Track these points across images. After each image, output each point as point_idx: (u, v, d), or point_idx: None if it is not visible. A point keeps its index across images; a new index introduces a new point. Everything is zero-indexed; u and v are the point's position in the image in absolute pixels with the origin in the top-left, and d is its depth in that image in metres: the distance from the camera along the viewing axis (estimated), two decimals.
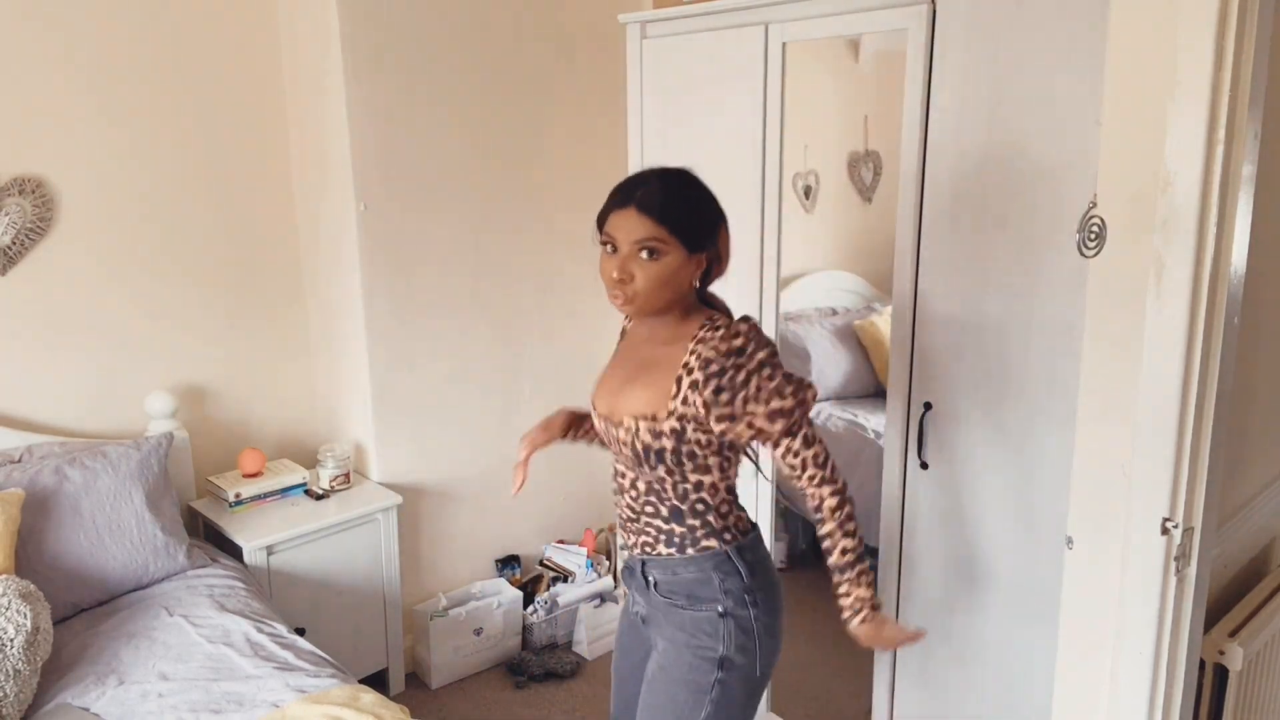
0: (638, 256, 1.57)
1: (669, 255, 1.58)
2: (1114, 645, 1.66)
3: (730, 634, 1.67)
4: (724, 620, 1.67)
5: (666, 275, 1.59)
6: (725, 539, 1.69)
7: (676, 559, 1.69)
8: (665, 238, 1.57)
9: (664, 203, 1.57)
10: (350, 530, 2.80)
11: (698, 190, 1.63)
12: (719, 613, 1.68)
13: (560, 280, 3.28)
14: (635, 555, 1.77)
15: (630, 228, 1.57)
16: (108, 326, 2.71)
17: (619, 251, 1.59)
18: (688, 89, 2.66)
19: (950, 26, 2.05)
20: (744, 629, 1.68)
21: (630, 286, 1.58)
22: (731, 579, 1.68)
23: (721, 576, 1.68)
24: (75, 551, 2.34)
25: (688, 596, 1.70)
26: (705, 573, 1.68)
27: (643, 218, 1.56)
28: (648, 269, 1.57)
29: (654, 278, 1.58)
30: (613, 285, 1.60)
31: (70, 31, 2.53)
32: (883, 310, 3.78)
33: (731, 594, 1.68)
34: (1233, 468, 1.96)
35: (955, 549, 2.26)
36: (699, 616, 1.69)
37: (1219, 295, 1.49)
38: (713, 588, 1.68)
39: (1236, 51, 1.39)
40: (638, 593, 1.81)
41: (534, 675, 3.07)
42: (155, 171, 2.72)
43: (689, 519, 1.67)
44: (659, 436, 1.62)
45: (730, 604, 1.68)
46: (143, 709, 1.95)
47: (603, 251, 1.63)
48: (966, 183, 2.08)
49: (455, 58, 2.90)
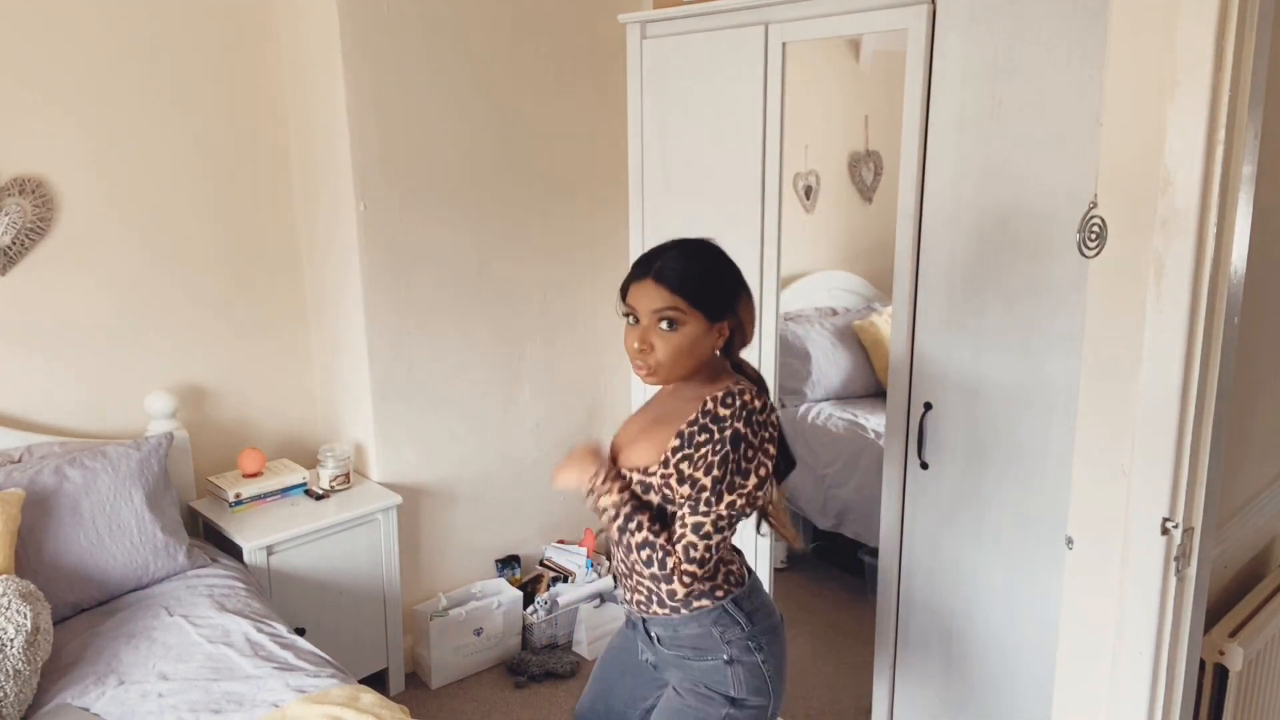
0: (657, 327, 1.60)
1: (688, 325, 1.60)
2: (1114, 645, 1.66)
3: (740, 679, 1.69)
4: (731, 667, 1.69)
5: (686, 345, 1.61)
6: (718, 595, 1.68)
7: (674, 618, 1.69)
8: (683, 308, 1.59)
9: (682, 273, 1.60)
10: (350, 530, 2.80)
11: (717, 259, 1.66)
12: (725, 660, 1.69)
13: (560, 280, 3.28)
14: (635, 612, 1.76)
15: (649, 298, 1.60)
16: (108, 326, 2.71)
17: (640, 322, 1.62)
18: (688, 89, 2.66)
19: (950, 27, 2.05)
20: (753, 673, 1.70)
21: (651, 357, 1.61)
22: (732, 630, 1.68)
23: (722, 629, 1.68)
24: (75, 551, 2.34)
25: (692, 649, 1.71)
26: (705, 628, 1.68)
27: (660, 288, 1.59)
28: (668, 339, 1.60)
29: (674, 348, 1.60)
30: (635, 356, 1.63)
31: (70, 31, 2.53)
32: (883, 310, 3.78)
33: (734, 644, 1.69)
34: (1233, 468, 1.96)
35: (955, 549, 2.26)
36: (707, 666, 1.70)
37: (1219, 295, 1.49)
38: (714, 640, 1.69)
39: (1236, 51, 1.39)
40: (643, 644, 1.81)
41: (534, 675, 3.07)
42: (155, 171, 2.72)
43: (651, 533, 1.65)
44: (647, 490, 1.64)
45: (735, 652, 1.69)
46: (143, 709, 1.95)
47: (626, 324, 1.66)
48: (967, 183, 2.08)
49: (455, 58, 2.90)
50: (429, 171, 2.92)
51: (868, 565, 3.33)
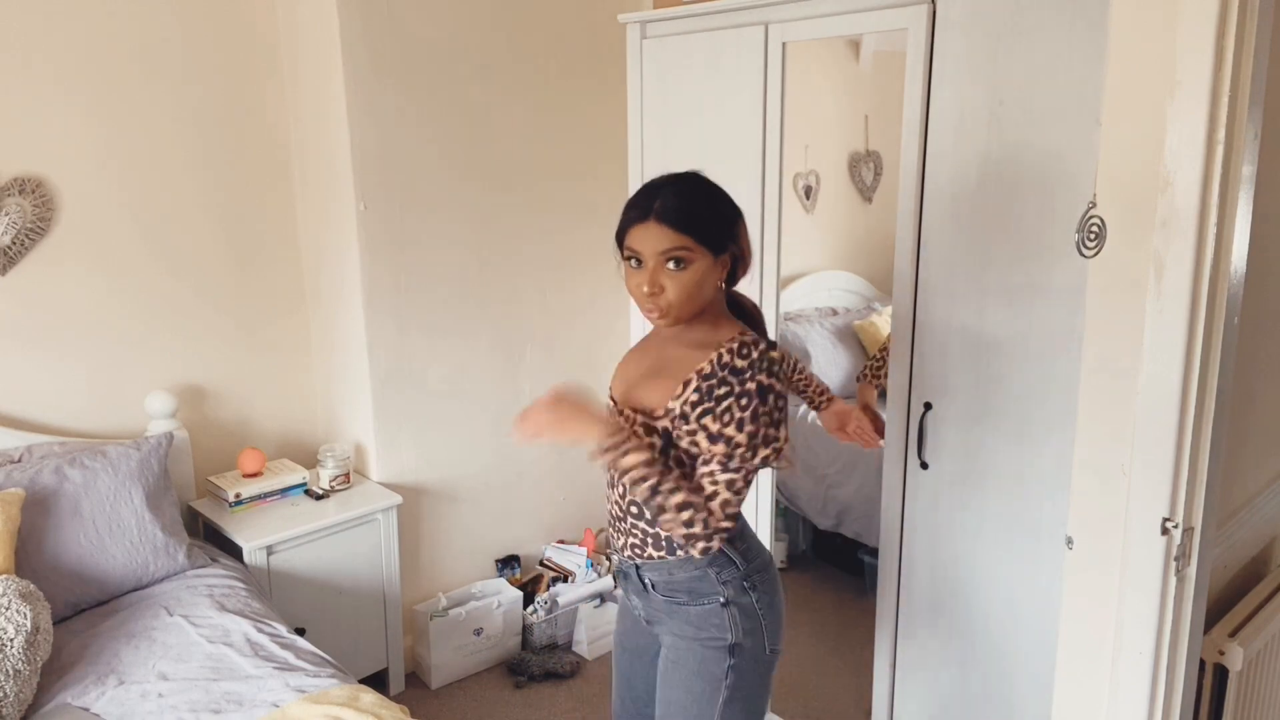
0: (665, 268, 1.58)
1: (696, 262, 1.58)
2: (1114, 645, 1.66)
3: (735, 621, 1.69)
4: (727, 609, 1.69)
5: (696, 282, 1.59)
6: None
7: (669, 561, 1.69)
8: (690, 245, 1.57)
9: (684, 210, 1.58)
10: (350, 530, 2.80)
11: (713, 192, 1.64)
12: (721, 603, 1.69)
13: (560, 280, 3.28)
14: (626, 559, 1.76)
15: (654, 240, 1.57)
16: (108, 326, 2.71)
17: (645, 265, 1.59)
18: (688, 89, 2.66)
19: (950, 26, 2.05)
20: (748, 614, 1.70)
21: (663, 298, 1.59)
22: (727, 570, 1.69)
23: (717, 570, 1.68)
24: (75, 551, 2.34)
25: (688, 593, 1.70)
26: (701, 569, 1.68)
27: (664, 228, 1.57)
28: (677, 279, 1.58)
29: (684, 286, 1.58)
30: (644, 300, 1.60)
31: (70, 31, 2.53)
32: (883, 310, 3.78)
33: (730, 584, 1.69)
34: (1233, 468, 1.96)
35: (955, 549, 2.26)
36: (703, 610, 1.70)
37: (1219, 295, 1.49)
38: (710, 582, 1.69)
39: (1236, 51, 1.39)
40: (635, 595, 1.80)
41: (534, 675, 3.07)
42: (155, 171, 2.72)
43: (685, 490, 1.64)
44: (650, 433, 1.63)
45: (731, 593, 1.69)
46: (143, 709, 1.95)
47: (626, 267, 1.63)
48: (966, 183, 2.08)
49: (455, 58, 2.90)
50: (429, 171, 2.92)
51: (868, 565, 3.33)
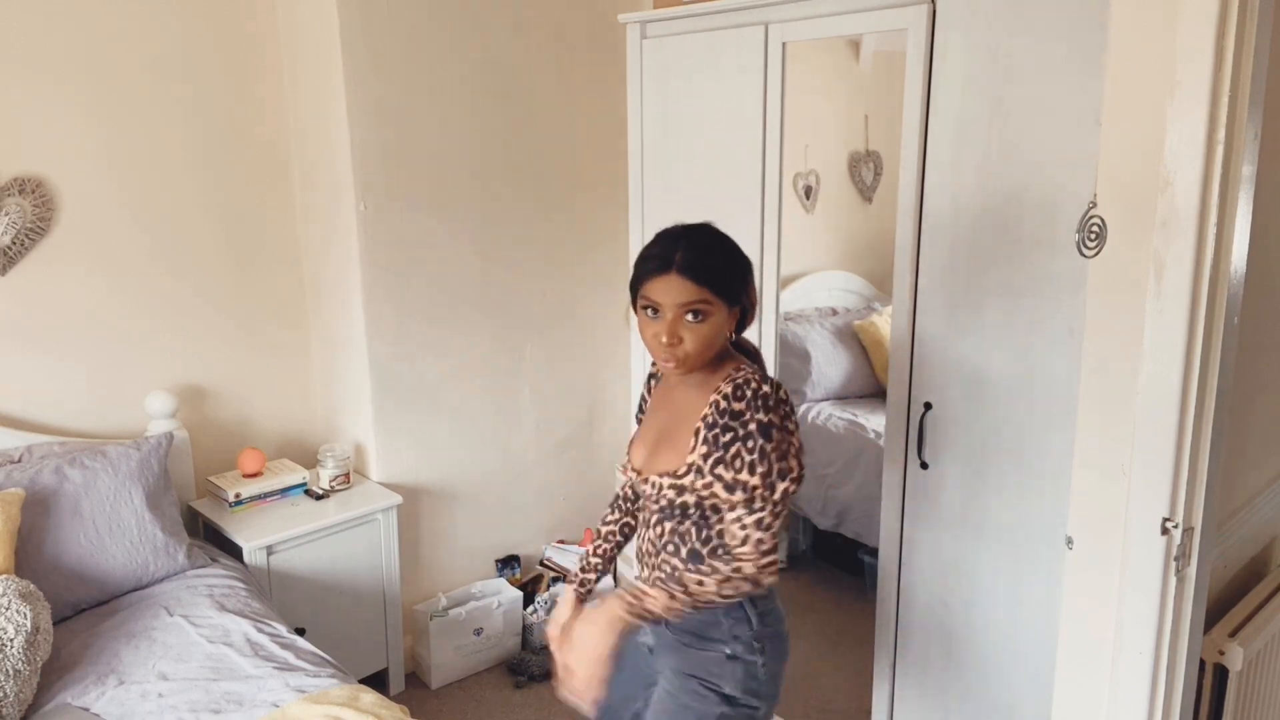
0: (683, 319, 1.60)
1: (714, 315, 1.61)
2: (1114, 645, 1.66)
3: (737, 677, 1.69)
4: (730, 663, 1.69)
5: (713, 334, 1.62)
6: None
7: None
8: (710, 299, 1.59)
9: (704, 263, 1.60)
10: (350, 530, 2.80)
11: (729, 245, 1.67)
12: (727, 655, 1.69)
13: (560, 280, 3.28)
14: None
15: (675, 292, 1.59)
16: (108, 326, 2.71)
17: (662, 315, 1.61)
18: (688, 89, 2.66)
19: (950, 26, 2.05)
20: (751, 674, 1.69)
21: (680, 349, 1.60)
22: (740, 625, 1.68)
23: (731, 622, 1.68)
24: (75, 551, 2.34)
25: (696, 636, 1.71)
26: (715, 617, 1.68)
27: (686, 282, 1.58)
28: (696, 331, 1.60)
29: (702, 338, 1.60)
30: (662, 350, 1.62)
31: (70, 31, 2.53)
32: (883, 310, 3.78)
33: (740, 639, 1.68)
34: (1233, 468, 1.96)
35: (955, 549, 2.26)
36: (707, 656, 1.70)
37: (1219, 295, 1.49)
38: (721, 630, 1.68)
39: (1236, 51, 1.39)
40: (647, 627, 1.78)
41: (534, 675, 3.07)
42: (155, 171, 2.72)
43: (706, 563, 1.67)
44: (682, 491, 1.65)
45: (739, 648, 1.68)
46: (143, 709, 1.95)
47: (642, 316, 1.65)
48: (966, 183, 2.08)
49: (455, 57, 2.90)
50: (429, 171, 2.91)
51: (868, 565, 3.33)
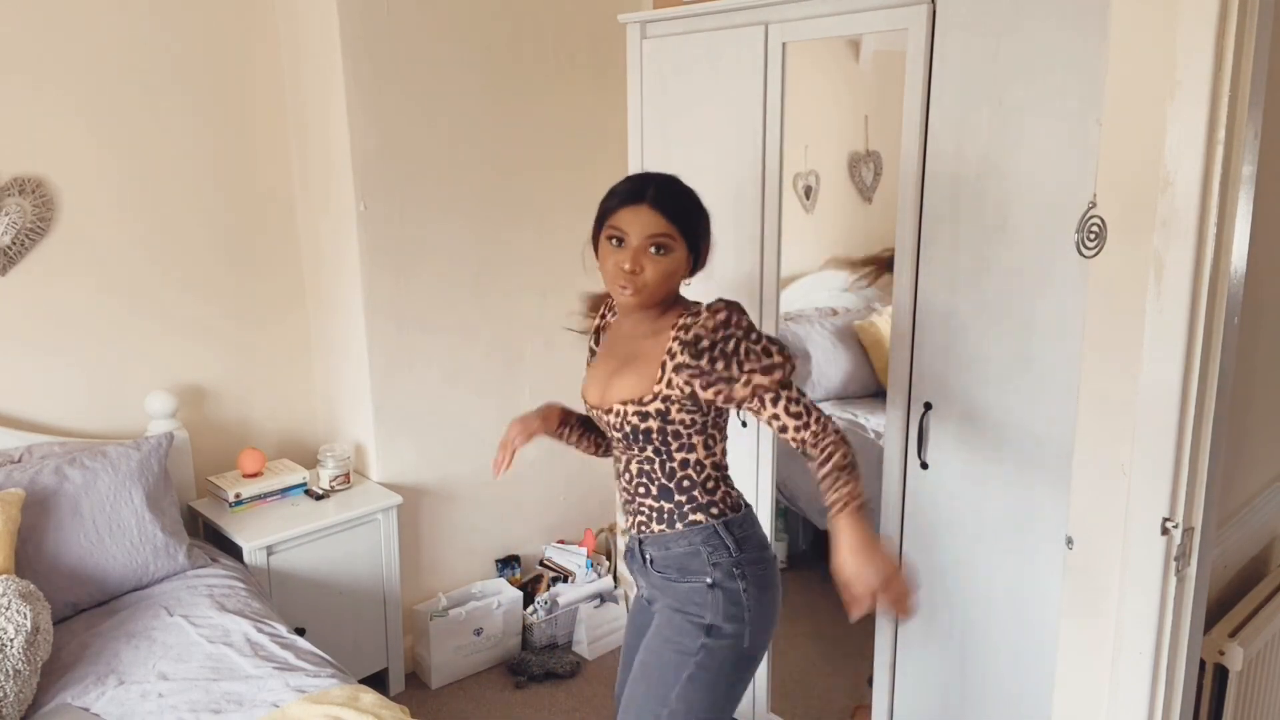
0: (648, 251, 1.67)
1: (676, 252, 1.70)
2: (1114, 645, 1.66)
3: (719, 604, 1.74)
4: (712, 591, 1.75)
5: (672, 270, 1.70)
6: (712, 513, 1.77)
7: (668, 534, 1.78)
8: (674, 234, 1.68)
9: (674, 202, 1.70)
10: (350, 530, 2.80)
11: (694, 194, 1.76)
12: (707, 584, 1.75)
13: (560, 279, 3.28)
14: (634, 535, 1.86)
15: (644, 223, 1.67)
16: (108, 326, 2.71)
17: (627, 244, 1.68)
18: (688, 89, 2.65)
19: (950, 26, 2.05)
20: (733, 601, 1.75)
21: (640, 278, 1.68)
22: (719, 553, 1.76)
23: (710, 550, 1.76)
24: (75, 551, 2.34)
25: (679, 569, 1.78)
26: (694, 546, 1.76)
27: (656, 215, 1.67)
28: (658, 264, 1.68)
29: (662, 272, 1.68)
30: (622, 277, 1.68)
31: (70, 32, 2.53)
32: (883, 310, 3.78)
33: (720, 567, 1.75)
34: (1233, 468, 1.96)
35: (955, 549, 2.26)
36: (689, 588, 1.76)
37: (1219, 295, 1.49)
38: (701, 560, 1.76)
39: (1236, 51, 1.40)
40: (639, 574, 1.89)
41: (534, 675, 3.07)
42: (155, 171, 2.72)
43: (676, 495, 1.77)
44: (645, 418, 1.72)
45: (719, 576, 1.75)
46: (143, 709, 1.95)
47: (606, 247, 1.73)
48: (967, 183, 2.08)
49: (455, 58, 2.90)
50: (429, 171, 2.92)
51: None
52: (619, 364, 1.81)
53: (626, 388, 1.75)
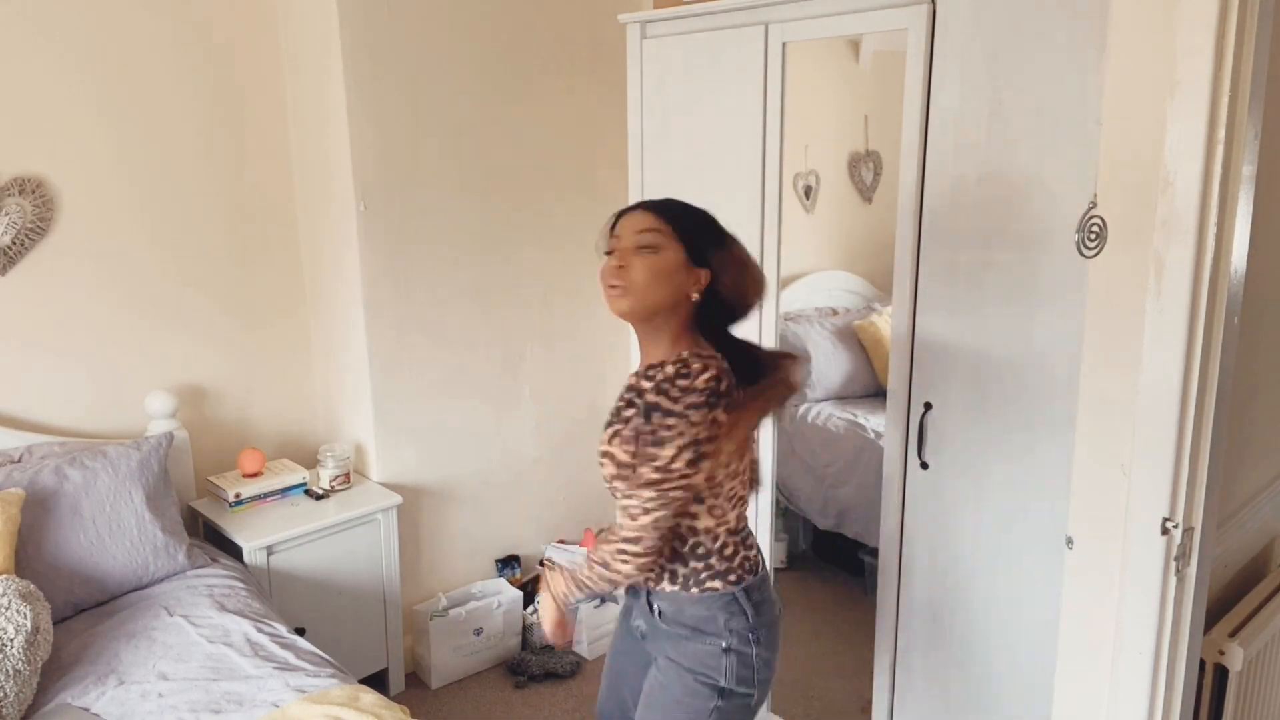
0: (637, 251, 1.60)
1: (666, 251, 1.59)
2: (1114, 645, 1.66)
3: (733, 669, 1.67)
4: (726, 655, 1.67)
5: (663, 271, 1.58)
6: (730, 580, 1.66)
7: (682, 596, 1.67)
8: (663, 229, 1.60)
9: (666, 203, 1.66)
10: (350, 530, 2.80)
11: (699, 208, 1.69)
12: (723, 648, 1.67)
13: (561, 279, 3.28)
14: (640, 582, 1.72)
15: (633, 222, 1.63)
16: (108, 326, 2.71)
17: (617, 247, 1.62)
18: (688, 89, 2.65)
19: (950, 26, 2.05)
20: (746, 664, 1.68)
21: (626, 275, 1.59)
22: (737, 619, 1.67)
23: (727, 616, 1.66)
24: (75, 551, 2.34)
25: (691, 629, 1.68)
26: (711, 611, 1.66)
27: (645, 213, 1.63)
28: (645, 261, 1.59)
29: (650, 270, 1.58)
30: (610, 275, 1.60)
31: (70, 32, 2.53)
32: (883, 310, 3.78)
33: (736, 633, 1.67)
34: (1233, 468, 1.96)
35: (955, 549, 2.26)
36: (702, 649, 1.68)
37: (1219, 295, 1.49)
38: (717, 625, 1.67)
39: (1236, 51, 1.39)
40: (639, 612, 1.78)
41: (534, 675, 3.07)
42: (155, 171, 2.72)
43: (692, 561, 1.66)
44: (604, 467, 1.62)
45: (735, 641, 1.67)
46: (143, 709, 1.95)
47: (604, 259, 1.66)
48: (966, 183, 2.08)
49: (455, 58, 2.90)
50: (429, 171, 2.92)
51: (868, 565, 3.33)
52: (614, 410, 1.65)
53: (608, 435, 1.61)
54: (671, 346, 1.63)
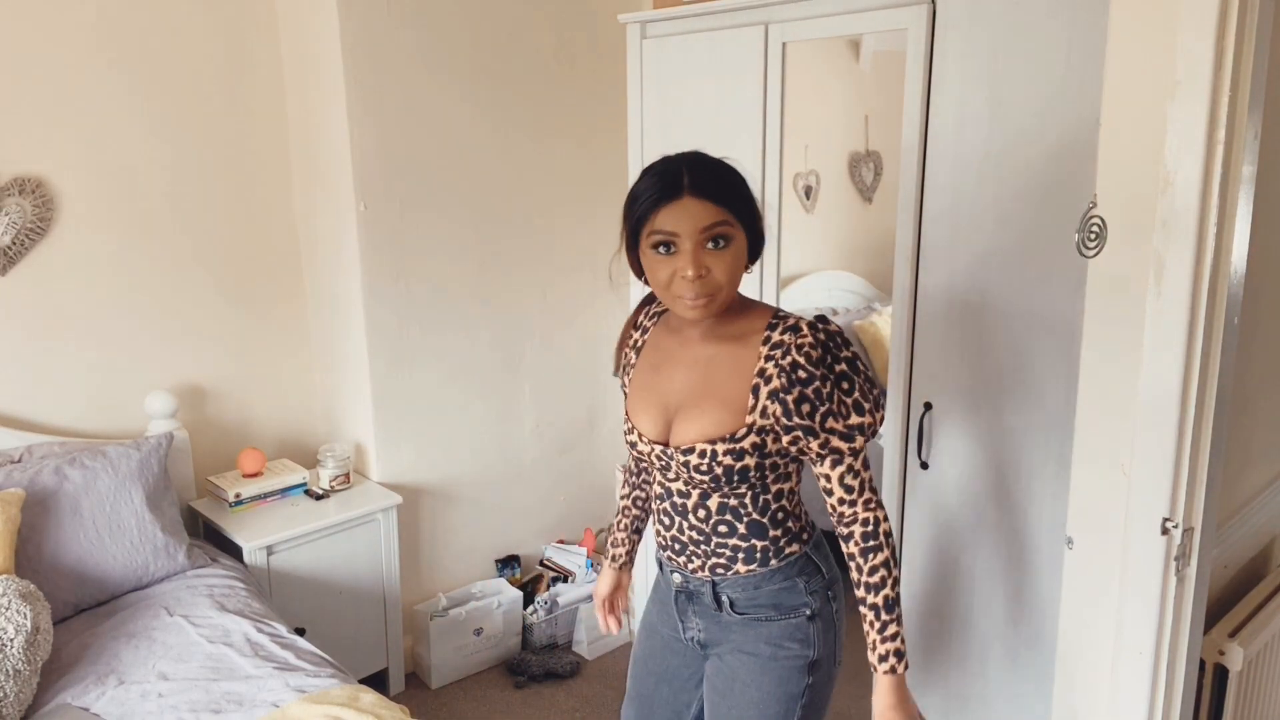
0: (706, 248, 1.41)
1: (737, 239, 1.44)
2: (1114, 645, 1.66)
3: (819, 636, 1.59)
4: (813, 622, 1.58)
5: (738, 264, 1.44)
6: (803, 539, 1.59)
7: (759, 574, 1.56)
8: (731, 220, 1.42)
9: (719, 181, 1.43)
10: (350, 530, 2.80)
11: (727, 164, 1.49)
12: (808, 615, 1.58)
13: (561, 279, 3.28)
14: (703, 578, 1.60)
15: (693, 216, 1.40)
16: (108, 326, 2.71)
17: (680, 247, 1.42)
18: (688, 89, 2.66)
19: (950, 26, 2.05)
20: (829, 625, 1.60)
21: (709, 281, 1.42)
22: (815, 578, 1.59)
23: (806, 579, 1.58)
24: (75, 551, 2.34)
25: (773, 607, 1.58)
26: (790, 579, 1.57)
27: (703, 203, 1.40)
28: (721, 259, 1.42)
29: (729, 267, 1.43)
30: (688, 287, 1.42)
31: (70, 32, 2.53)
32: (883, 310, 3.78)
33: (817, 593, 1.59)
34: (1233, 468, 1.96)
35: (955, 549, 2.26)
36: (788, 625, 1.58)
37: (1219, 295, 1.49)
38: (799, 592, 1.57)
39: (1236, 51, 1.40)
40: (697, 616, 1.66)
41: (534, 675, 3.07)
42: (155, 171, 2.72)
43: (771, 530, 1.56)
44: (741, 456, 1.48)
45: (817, 604, 1.58)
46: (143, 709, 1.95)
47: (654, 256, 1.45)
48: (966, 183, 2.08)
49: (455, 57, 2.90)
50: (429, 171, 2.92)
51: None
52: (687, 389, 1.53)
53: (710, 422, 1.48)
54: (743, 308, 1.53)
